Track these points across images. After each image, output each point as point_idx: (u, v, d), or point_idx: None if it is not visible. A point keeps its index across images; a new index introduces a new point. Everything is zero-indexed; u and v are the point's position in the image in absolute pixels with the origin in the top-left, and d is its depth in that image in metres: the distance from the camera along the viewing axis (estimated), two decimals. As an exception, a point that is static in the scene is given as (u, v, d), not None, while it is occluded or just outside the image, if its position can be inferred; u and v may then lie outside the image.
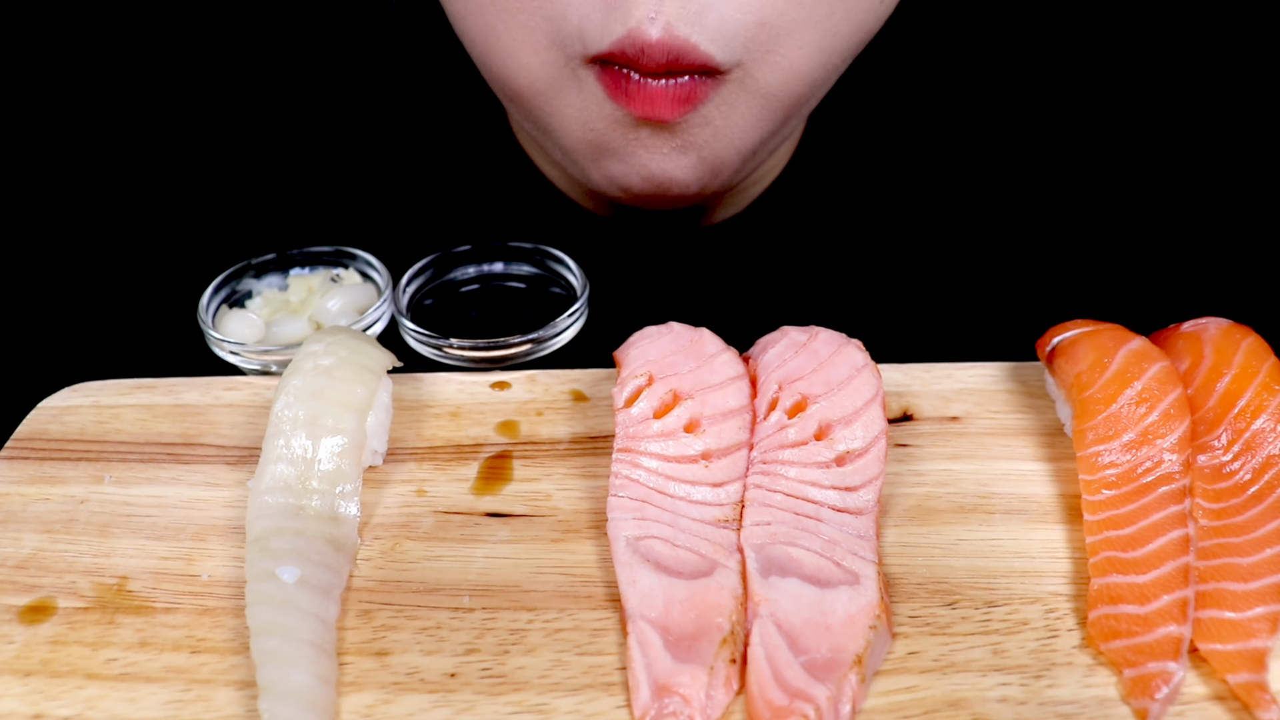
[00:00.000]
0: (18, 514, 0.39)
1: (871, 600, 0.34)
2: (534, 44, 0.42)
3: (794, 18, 0.41)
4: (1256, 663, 0.32)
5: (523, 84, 0.44)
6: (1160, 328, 0.42)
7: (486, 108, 0.57)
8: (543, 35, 0.42)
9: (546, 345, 0.46)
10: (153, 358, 0.48)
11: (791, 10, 0.41)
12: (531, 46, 0.42)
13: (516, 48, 0.43)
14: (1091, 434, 0.37)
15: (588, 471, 0.40)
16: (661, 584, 0.34)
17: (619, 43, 0.40)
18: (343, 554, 0.36)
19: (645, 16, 0.39)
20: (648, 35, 0.39)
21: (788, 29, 0.41)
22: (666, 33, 0.39)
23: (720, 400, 0.39)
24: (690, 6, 0.39)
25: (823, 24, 0.42)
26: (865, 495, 0.37)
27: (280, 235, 0.52)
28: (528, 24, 0.42)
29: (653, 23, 0.39)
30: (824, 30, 0.42)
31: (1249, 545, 0.35)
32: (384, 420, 0.41)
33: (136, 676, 0.33)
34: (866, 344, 0.40)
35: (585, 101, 0.43)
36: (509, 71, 0.44)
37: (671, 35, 0.39)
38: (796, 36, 0.42)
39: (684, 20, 0.39)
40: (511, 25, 0.42)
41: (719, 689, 0.32)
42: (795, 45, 0.42)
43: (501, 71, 0.45)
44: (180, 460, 0.41)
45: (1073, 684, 0.32)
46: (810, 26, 0.42)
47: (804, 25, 0.41)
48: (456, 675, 0.33)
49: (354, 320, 0.47)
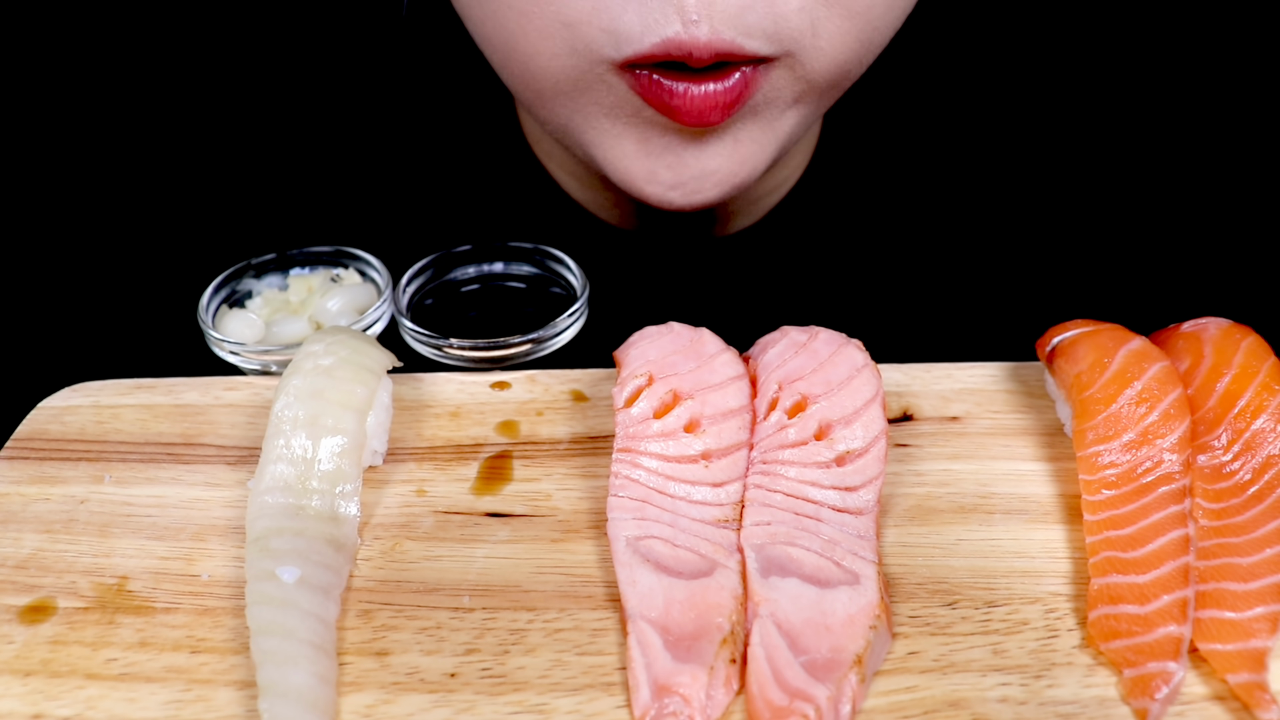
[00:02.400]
0: (18, 514, 0.39)
1: (871, 600, 0.34)
2: (552, 49, 0.41)
3: (830, 2, 0.40)
4: (1256, 663, 0.32)
5: (545, 86, 0.43)
6: (1160, 328, 0.42)
7: (489, 107, 0.57)
8: (561, 41, 0.41)
9: (546, 345, 0.46)
10: (153, 358, 0.48)
11: None
12: (550, 51, 0.41)
13: (535, 50, 0.42)
14: (1091, 434, 0.37)
15: (588, 471, 0.40)
16: (661, 584, 0.34)
17: (659, 46, 0.38)
18: (343, 554, 0.36)
19: (688, 18, 0.37)
20: (694, 37, 0.38)
21: (826, 13, 0.40)
22: (714, 35, 0.38)
23: (720, 400, 0.39)
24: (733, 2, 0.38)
25: (861, 11, 0.41)
26: (865, 495, 0.37)
27: (280, 235, 0.52)
28: (544, 29, 0.41)
29: (696, 24, 0.37)
30: (863, 20, 0.41)
31: (1249, 545, 0.35)
32: (384, 420, 0.41)
33: (136, 676, 0.33)
34: (866, 344, 0.40)
35: (616, 101, 0.42)
36: (530, 75, 0.43)
37: (718, 37, 0.38)
38: (836, 22, 0.40)
39: (729, 19, 0.38)
40: (528, 29, 0.41)
41: (719, 689, 0.32)
42: (837, 31, 0.41)
43: (522, 75, 0.44)
44: (180, 460, 0.41)
45: (1073, 684, 0.32)
46: (849, 14, 0.41)
47: (842, 12, 0.40)
48: (456, 675, 0.33)
49: (354, 320, 0.47)
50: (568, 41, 0.40)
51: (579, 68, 0.41)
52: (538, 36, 0.41)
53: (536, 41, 0.41)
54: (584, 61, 0.41)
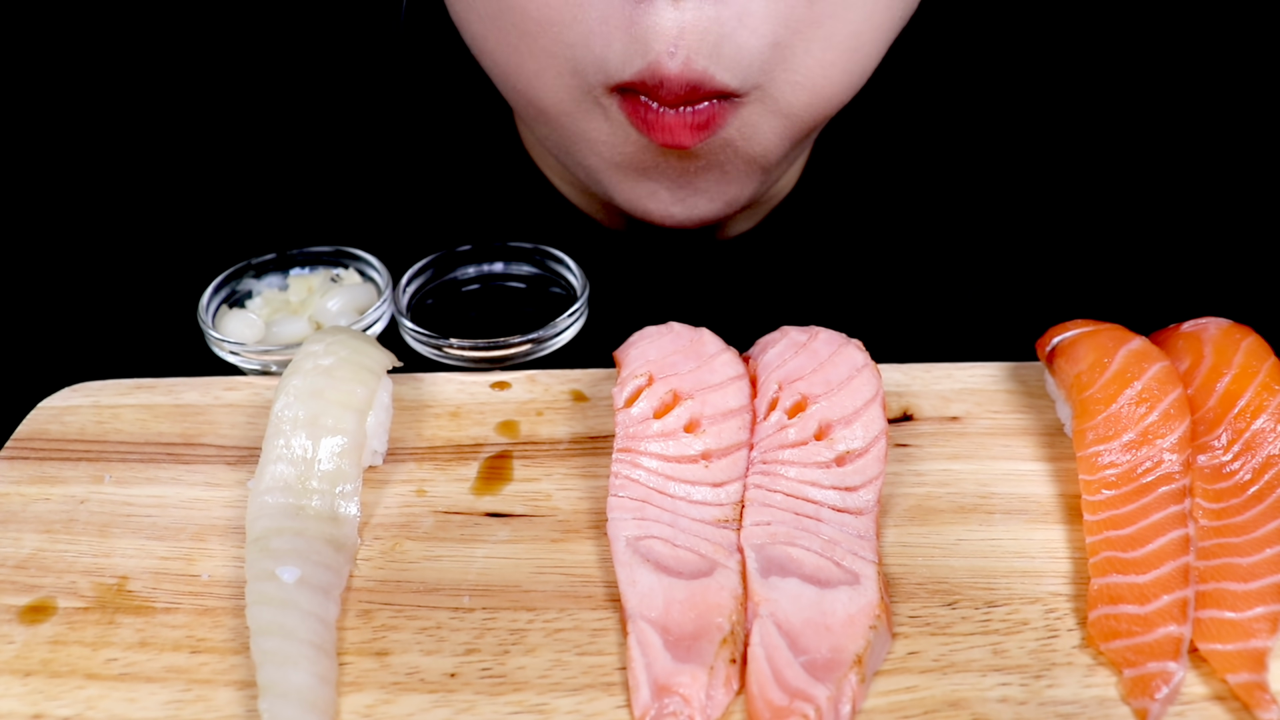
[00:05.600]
0: (18, 514, 0.39)
1: (871, 600, 0.34)
2: (556, 69, 0.42)
3: (809, 36, 0.41)
4: (1256, 663, 0.32)
5: (548, 105, 0.44)
6: (1160, 328, 0.42)
7: (489, 109, 0.57)
8: (564, 61, 0.42)
9: (546, 345, 0.46)
10: (153, 358, 0.48)
11: (806, 30, 0.41)
12: (554, 70, 0.42)
13: (540, 70, 0.43)
14: (1091, 434, 0.37)
15: (588, 471, 0.40)
16: (661, 584, 0.34)
17: (638, 74, 0.40)
18: (343, 554, 0.36)
19: (665, 50, 0.39)
20: (667, 68, 0.40)
21: (804, 48, 0.41)
22: (686, 66, 0.40)
23: (720, 400, 0.39)
24: (708, 39, 0.39)
25: (842, 40, 0.42)
26: (865, 495, 0.37)
27: (280, 235, 0.52)
28: (549, 49, 0.42)
29: (672, 56, 0.39)
30: (845, 48, 0.42)
31: (1249, 545, 0.35)
32: (384, 420, 0.41)
33: (136, 676, 0.33)
34: (866, 344, 0.40)
35: (613, 127, 0.44)
36: (533, 94, 0.44)
37: (689, 68, 0.40)
38: (815, 55, 0.42)
39: (702, 53, 0.40)
40: (535, 49, 0.42)
41: (719, 689, 0.32)
42: (816, 64, 0.42)
43: (526, 93, 0.45)
44: (180, 460, 0.41)
45: (1073, 684, 0.32)
46: (829, 44, 0.42)
47: (821, 43, 0.41)
48: (456, 675, 0.33)
49: (354, 320, 0.47)
50: (570, 62, 0.42)
51: (580, 89, 0.43)
52: (539, 59, 0.42)
53: (538, 62, 0.43)
54: (583, 82, 0.42)
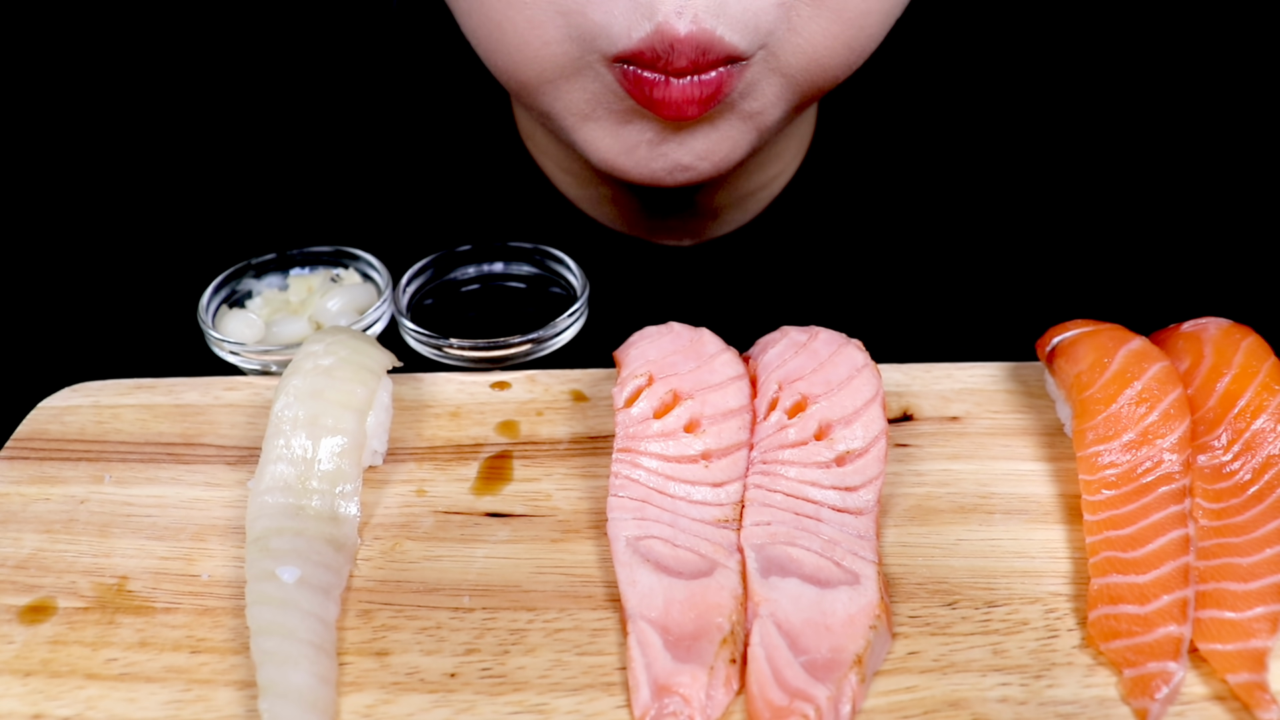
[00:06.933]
0: (18, 514, 0.39)
1: (871, 600, 0.34)
2: (543, 36, 0.41)
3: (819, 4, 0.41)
4: (1256, 663, 0.32)
5: (529, 76, 0.43)
6: (1160, 328, 0.42)
7: (489, 107, 0.57)
8: (554, 28, 0.41)
9: (546, 345, 0.46)
10: (153, 358, 0.48)
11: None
12: (541, 39, 0.42)
13: (523, 40, 0.42)
14: (1091, 434, 0.37)
15: (588, 471, 0.40)
16: (661, 584, 0.34)
17: (647, 39, 0.39)
18: (343, 554, 0.36)
19: (673, 10, 0.38)
20: (676, 30, 0.39)
21: (811, 14, 0.41)
22: (695, 25, 0.39)
23: (720, 400, 0.39)
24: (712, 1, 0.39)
25: (852, 15, 0.41)
26: (865, 495, 0.37)
27: (280, 235, 0.52)
28: (536, 17, 0.41)
29: (680, 16, 0.38)
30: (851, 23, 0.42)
31: (1249, 545, 0.35)
32: (384, 420, 0.41)
33: (136, 676, 0.33)
34: (866, 344, 0.40)
35: (601, 89, 0.43)
36: (515, 65, 0.43)
37: (700, 28, 0.39)
38: (822, 25, 0.41)
39: (710, 11, 0.39)
40: (518, 18, 0.41)
41: (719, 689, 0.32)
42: (821, 33, 0.41)
43: (508, 64, 0.44)
44: (180, 460, 0.41)
45: (1073, 684, 0.32)
46: (837, 17, 0.41)
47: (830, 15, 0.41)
48: (456, 675, 0.33)
49: (354, 320, 0.47)
50: (563, 29, 0.41)
51: (571, 55, 0.42)
52: (527, 25, 0.41)
53: (525, 30, 0.42)
54: (578, 49, 0.41)
